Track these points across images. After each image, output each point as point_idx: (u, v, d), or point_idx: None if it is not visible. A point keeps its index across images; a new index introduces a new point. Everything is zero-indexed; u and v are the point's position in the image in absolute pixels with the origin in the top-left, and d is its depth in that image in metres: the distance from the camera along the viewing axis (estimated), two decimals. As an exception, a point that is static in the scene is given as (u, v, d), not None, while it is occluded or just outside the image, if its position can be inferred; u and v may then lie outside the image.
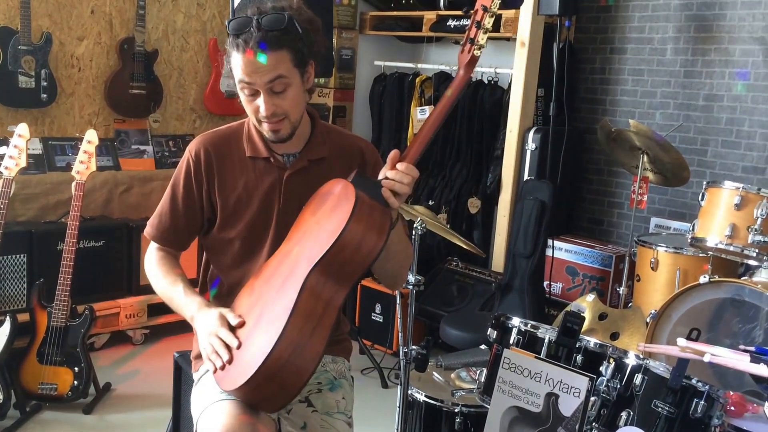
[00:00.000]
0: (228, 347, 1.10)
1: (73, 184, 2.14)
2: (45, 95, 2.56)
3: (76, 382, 2.07)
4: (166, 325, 2.64)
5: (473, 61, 1.14)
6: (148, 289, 2.60)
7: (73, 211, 2.10)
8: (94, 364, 2.18)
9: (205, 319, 1.16)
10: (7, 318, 2.02)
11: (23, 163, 2.08)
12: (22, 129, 2.10)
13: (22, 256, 2.35)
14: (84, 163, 2.14)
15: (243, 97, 1.20)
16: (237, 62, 1.16)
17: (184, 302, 1.22)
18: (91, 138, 2.17)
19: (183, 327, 1.46)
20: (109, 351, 2.54)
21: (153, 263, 1.29)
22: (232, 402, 1.12)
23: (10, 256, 2.33)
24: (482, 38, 1.13)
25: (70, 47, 2.69)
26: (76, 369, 2.08)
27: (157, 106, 2.84)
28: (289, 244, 1.17)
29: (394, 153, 1.13)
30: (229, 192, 1.25)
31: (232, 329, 1.12)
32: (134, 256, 2.58)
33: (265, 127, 1.20)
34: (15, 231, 2.33)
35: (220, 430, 1.08)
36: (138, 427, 2.06)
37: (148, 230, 1.31)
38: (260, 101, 1.17)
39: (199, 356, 1.30)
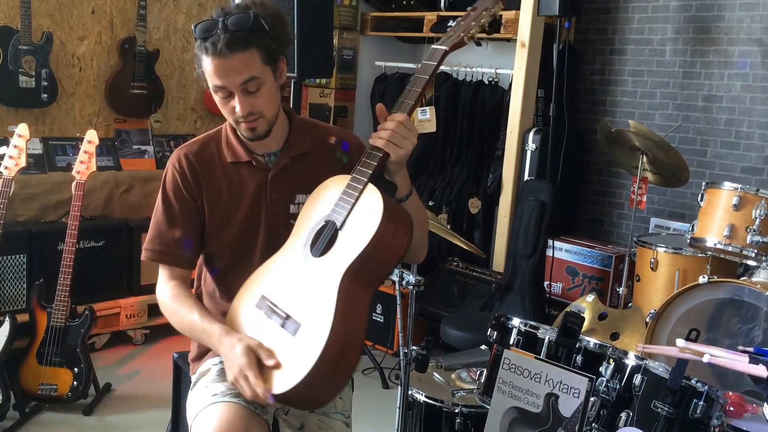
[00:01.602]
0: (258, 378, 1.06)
1: (73, 183, 2.13)
2: (45, 95, 2.56)
3: (75, 383, 2.07)
4: (167, 326, 2.60)
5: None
6: (149, 290, 2.61)
7: (73, 210, 2.09)
8: (95, 364, 2.18)
9: (230, 352, 1.10)
10: (7, 318, 2.01)
11: (23, 163, 2.08)
12: (22, 129, 2.10)
13: (21, 256, 2.35)
14: (84, 163, 2.14)
15: (218, 99, 1.20)
16: (208, 66, 1.16)
17: (203, 331, 1.17)
18: (91, 138, 2.17)
19: (183, 327, 1.44)
20: (109, 351, 2.54)
21: (166, 299, 1.23)
22: (226, 404, 1.12)
23: (9, 256, 2.32)
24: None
25: (71, 47, 2.69)
26: (75, 369, 2.07)
27: (158, 106, 2.84)
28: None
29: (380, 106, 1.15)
30: (215, 200, 1.24)
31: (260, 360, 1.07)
32: (135, 256, 2.58)
33: (242, 127, 1.20)
34: (15, 231, 2.33)
35: None
36: (138, 428, 2.05)
37: (150, 254, 1.24)
38: (235, 102, 1.17)
39: (196, 358, 1.31)
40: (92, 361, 2.14)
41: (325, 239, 1.12)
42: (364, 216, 1.09)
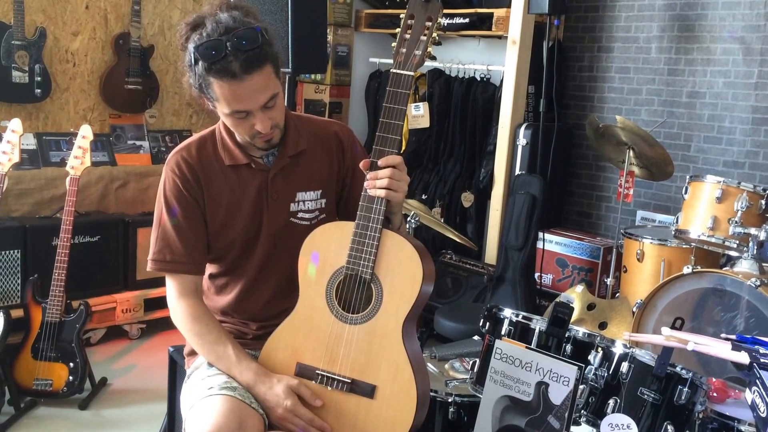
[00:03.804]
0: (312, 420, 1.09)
1: (68, 179, 2.12)
2: (39, 90, 2.54)
3: (71, 378, 2.06)
4: (163, 320, 2.65)
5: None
6: (145, 284, 2.64)
7: (68, 206, 2.08)
8: (90, 359, 2.18)
9: (269, 394, 1.11)
10: (1, 313, 2.00)
11: (16, 159, 2.06)
12: (15, 124, 2.09)
13: (16, 251, 2.33)
14: (78, 158, 2.13)
15: (231, 120, 1.16)
16: (223, 91, 1.10)
17: (237, 368, 1.15)
18: (85, 133, 2.16)
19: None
20: (105, 346, 2.54)
21: (186, 319, 1.19)
22: (221, 398, 1.11)
23: (4, 252, 2.31)
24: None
25: (65, 42, 2.67)
26: (71, 364, 2.06)
27: (153, 102, 2.84)
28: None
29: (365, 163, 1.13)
30: (217, 203, 1.23)
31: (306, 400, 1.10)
32: (130, 251, 2.58)
33: (259, 141, 1.18)
34: (9, 226, 2.33)
35: (208, 427, 1.07)
36: (134, 422, 2.05)
37: (157, 265, 1.20)
38: (256, 120, 1.14)
39: (192, 352, 1.30)
40: (88, 355, 2.14)
41: (358, 295, 1.11)
42: (400, 263, 1.09)
